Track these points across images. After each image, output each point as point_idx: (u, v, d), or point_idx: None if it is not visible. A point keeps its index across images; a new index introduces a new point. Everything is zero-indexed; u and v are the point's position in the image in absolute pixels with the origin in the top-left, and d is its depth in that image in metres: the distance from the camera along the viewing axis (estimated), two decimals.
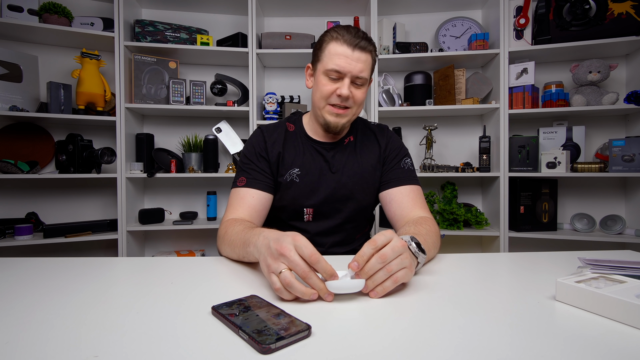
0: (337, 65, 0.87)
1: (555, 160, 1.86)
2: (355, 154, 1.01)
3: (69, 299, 0.55)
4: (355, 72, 0.87)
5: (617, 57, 2.04)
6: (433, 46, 2.17)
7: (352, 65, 0.87)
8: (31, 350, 0.39)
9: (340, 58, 0.87)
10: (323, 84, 0.90)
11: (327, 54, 0.89)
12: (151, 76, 1.98)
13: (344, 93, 0.88)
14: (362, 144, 1.02)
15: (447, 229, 1.97)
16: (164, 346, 0.40)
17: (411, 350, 0.39)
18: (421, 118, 2.21)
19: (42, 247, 2.02)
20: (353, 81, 0.89)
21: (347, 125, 0.98)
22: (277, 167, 0.98)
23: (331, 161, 0.99)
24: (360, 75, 0.88)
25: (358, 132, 1.05)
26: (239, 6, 2.09)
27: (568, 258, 0.78)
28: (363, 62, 0.88)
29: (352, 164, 1.00)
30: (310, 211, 0.98)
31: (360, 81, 0.90)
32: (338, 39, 0.88)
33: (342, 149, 1.01)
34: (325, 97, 0.91)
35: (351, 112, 0.93)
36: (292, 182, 0.97)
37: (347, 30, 0.89)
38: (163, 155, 2.06)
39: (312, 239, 0.96)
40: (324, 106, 0.92)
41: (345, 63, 0.87)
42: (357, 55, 0.87)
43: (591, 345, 0.40)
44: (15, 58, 1.82)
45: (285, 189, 0.97)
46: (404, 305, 0.52)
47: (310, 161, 0.99)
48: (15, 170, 1.77)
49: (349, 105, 0.92)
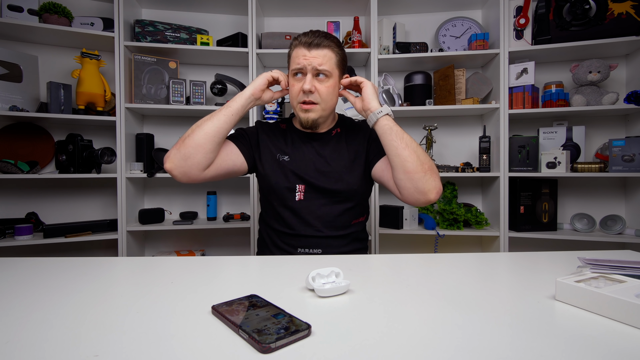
0: (297, 63, 0.96)
1: (555, 160, 1.86)
2: (342, 142, 1.07)
3: (69, 298, 0.55)
4: (314, 64, 0.94)
5: (617, 57, 2.03)
6: (433, 46, 2.17)
7: (309, 60, 0.95)
8: (31, 350, 0.39)
9: (299, 57, 0.96)
10: (291, 85, 1.00)
11: (292, 59, 0.99)
12: (151, 76, 1.98)
13: (305, 87, 0.94)
14: (348, 135, 1.08)
15: (447, 229, 1.97)
16: (164, 346, 0.40)
17: (411, 350, 0.39)
18: (421, 118, 2.21)
19: (42, 247, 2.02)
20: (316, 75, 0.96)
21: (321, 121, 1.02)
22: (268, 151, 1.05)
23: (318, 147, 1.05)
24: (320, 67, 0.95)
25: (345, 126, 1.11)
26: (239, 6, 2.09)
27: (568, 258, 0.78)
28: (322, 57, 0.95)
29: (339, 150, 1.05)
30: (301, 188, 1.01)
31: (323, 74, 0.96)
32: (297, 44, 0.98)
33: (329, 138, 1.07)
34: (295, 97, 0.99)
35: (320, 108, 0.98)
36: (283, 162, 1.03)
37: (306, 34, 0.98)
38: (163, 155, 2.06)
39: (304, 219, 1.01)
40: (296, 105, 1.00)
41: (303, 60, 0.95)
42: (315, 52, 0.95)
43: (591, 345, 0.40)
44: (15, 58, 1.82)
45: (276, 169, 1.02)
46: (404, 305, 0.52)
47: (298, 148, 1.05)
48: (15, 170, 1.77)
49: (315, 100, 0.97)
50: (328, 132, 1.08)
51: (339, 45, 1.00)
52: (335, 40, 0.99)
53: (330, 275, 0.58)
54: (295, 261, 0.78)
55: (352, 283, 0.61)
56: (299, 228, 1.01)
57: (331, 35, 0.99)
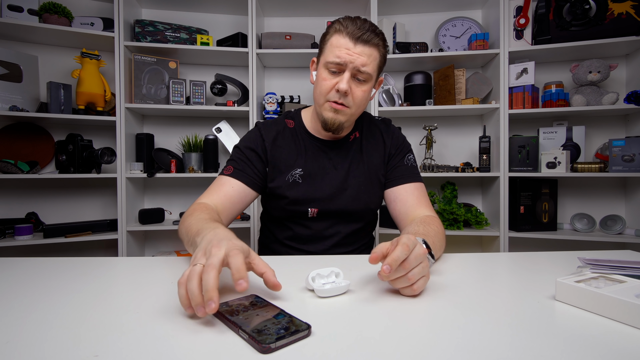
0: (337, 56, 0.82)
1: (555, 160, 1.86)
2: (361, 152, 0.98)
3: (69, 298, 0.55)
4: (357, 64, 0.82)
5: (617, 57, 2.03)
6: (433, 46, 2.17)
7: (353, 57, 0.82)
8: (31, 350, 0.39)
9: (341, 50, 0.82)
10: (323, 78, 0.86)
11: (329, 46, 0.85)
12: (151, 76, 1.98)
13: (342, 87, 0.83)
14: (367, 141, 0.99)
15: (447, 229, 1.97)
16: (164, 346, 0.40)
17: (411, 350, 0.39)
18: (421, 118, 2.21)
19: (42, 247, 2.02)
20: (355, 75, 0.84)
21: (346, 126, 0.93)
22: (277, 168, 0.94)
23: (335, 159, 0.96)
24: (362, 69, 0.82)
25: (364, 128, 1.01)
26: (239, 6, 2.09)
27: (568, 258, 0.78)
28: (367, 56, 0.82)
29: (357, 163, 0.97)
30: (314, 211, 0.95)
31: (362, 76, 0.84)
32: (341, 30, 0.83)
33: (347, 146, 0.98)
34: (324, 93, 0.87)
35: (350, 112, 0.88)
36: (295, 183, 0.93)
37: (353, 21, 0.83)
38: (163, 155, 2.06)
39: (315, 237, 0.97)
40: (323, 103, 0.88)
41: (345, 54, 0.82)
42: (360, 48, 0.82)
43: (591, 345, 0.40)
44: (15, 58, 1.82)
45: (288, 191, 0.93)
46: (404, 305, 0.52)
47: (312, 160, 0.95)
48: (15, 170, 1.77)
49: (348, 104, 0.86)
50: (346, 137, 0.97)
51: (385, 43, 0.87)
52: (383, 36, 0.86)
53: (330, 275, 0.58)
54: (295, 261, 0.78)
55: (352, 283, 0.61)
56: (308, 243, 0.97)
57: (379, 30, 0.85)
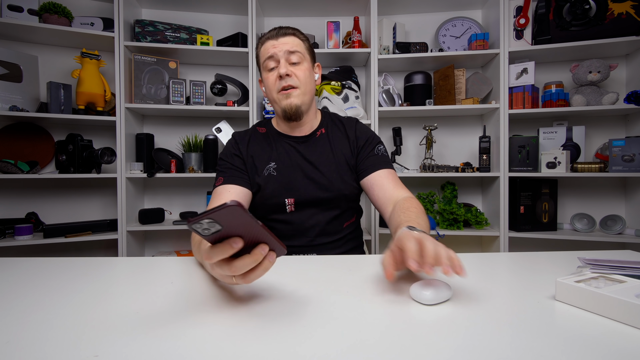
0: (268, 52, 0.96)
1: (555, 160, 1.86)
2: (329, 144, 1.04)
3: (69, 299, 0.55)
4: (285, 49, 0.94)
5: (617, 57, 2.04)
6: (433, 46, 2.17)
7: (279, 46, 0.95)
8: (31, 350, 0.39)
9: (268, 49, 0.96)
10: (266, 77, 0.98)
11: (262, 55, 0.99)
12: (151, 76, 1.98)
13: (282, 71, 0.93)
14: (334, 135, 1.06)
15: (447, 229, 1.97)
16: (164, 346, 0.40)
17: (410, 350, 0.39)
18: (421, 118, 2.21)
19: (42, 247, 2.02)
20: (289, 61, 0.95)
21: (304, 109, 0.99)
22: (254, 165, 1.01)
23: (305, 152, 1.02)
24: (291, 49, 0.95)
25: (329, 125, 1.08)
26: (239, 6, 2.09)
27: (568, 258, 0.78)
28: (290, 42, 0.96)
29: (327, 154, 1.03)
30: (291, 201, 0.99)
31: (295, 57, 0.96)
32: (263, 39, 0.99)
33: (314, 141, 1.04)
34: (272, 87, 0.97)
35: (300, 92, 0.96)
36: (270, 176, 1.00)
37: (269, 31, 0.99)
38: (163, 155, 2.06)
39: (296, 230, 0.99)
40: (275, 96, 0.97)
41: (272, 48, 0.95)
42: (282, 39, 0.96)
43: (591, 345, 0.40)
44: (15, 58, 1.82)
45: (265, 184, 0.99)
46: (404, 305, 0.52)
47: (284, 155, 1.02)
48: (15, 170, 1.77)
49: (294, 84, 0.95)
50: (313, 133, 1.05)
51: (302, 34, 1.01)
52: (298, 29, 1.01)
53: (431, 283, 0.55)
54: (296, 261, 0.78)
55: (352, 283, 0.61)
56: (292, 238, 1.00)
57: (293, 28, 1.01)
